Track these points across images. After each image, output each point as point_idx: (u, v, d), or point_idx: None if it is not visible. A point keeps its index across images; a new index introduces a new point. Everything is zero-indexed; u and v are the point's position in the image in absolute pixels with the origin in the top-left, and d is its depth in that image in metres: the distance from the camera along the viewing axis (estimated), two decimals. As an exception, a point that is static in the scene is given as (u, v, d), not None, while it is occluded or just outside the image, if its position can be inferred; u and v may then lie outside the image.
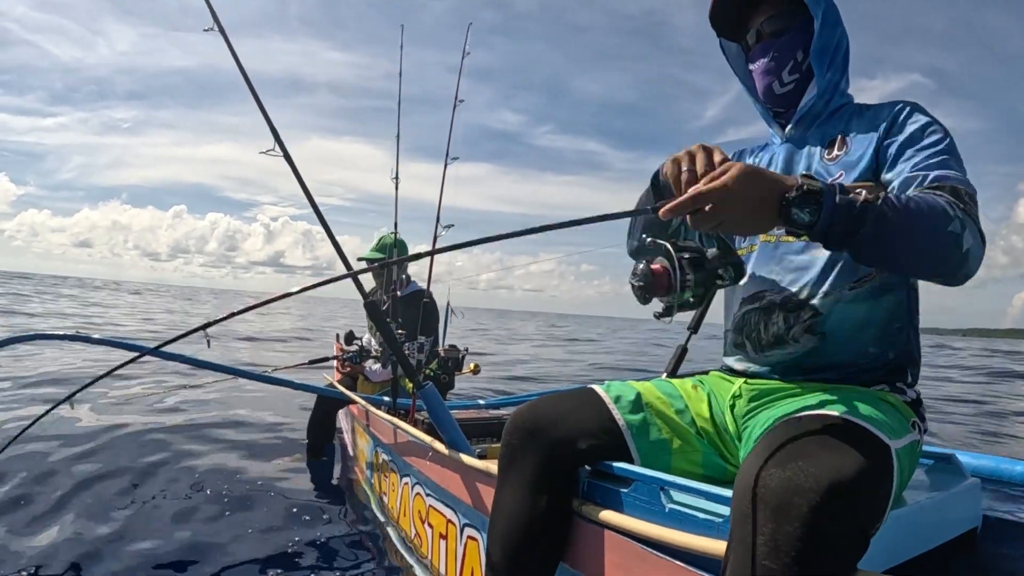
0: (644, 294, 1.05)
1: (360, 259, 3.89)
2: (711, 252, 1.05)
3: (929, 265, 1.03)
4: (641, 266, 1.06)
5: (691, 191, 0.95)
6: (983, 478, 1.47)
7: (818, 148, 1.30)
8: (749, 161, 1.46)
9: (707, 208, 0.94)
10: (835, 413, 0.98)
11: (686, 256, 1.05)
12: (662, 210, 0.97)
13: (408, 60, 3.25)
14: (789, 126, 1.36)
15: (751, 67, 1.39)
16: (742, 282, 1.34)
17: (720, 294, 1.50)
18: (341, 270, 2.28)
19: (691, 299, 1.06)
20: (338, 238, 2.36)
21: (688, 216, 0.97)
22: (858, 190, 0.97)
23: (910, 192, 1.04)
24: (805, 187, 0.93)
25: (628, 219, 1.43)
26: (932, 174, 1.08)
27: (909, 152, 1.15)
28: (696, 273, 1.05)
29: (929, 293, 1.29)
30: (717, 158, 1.00)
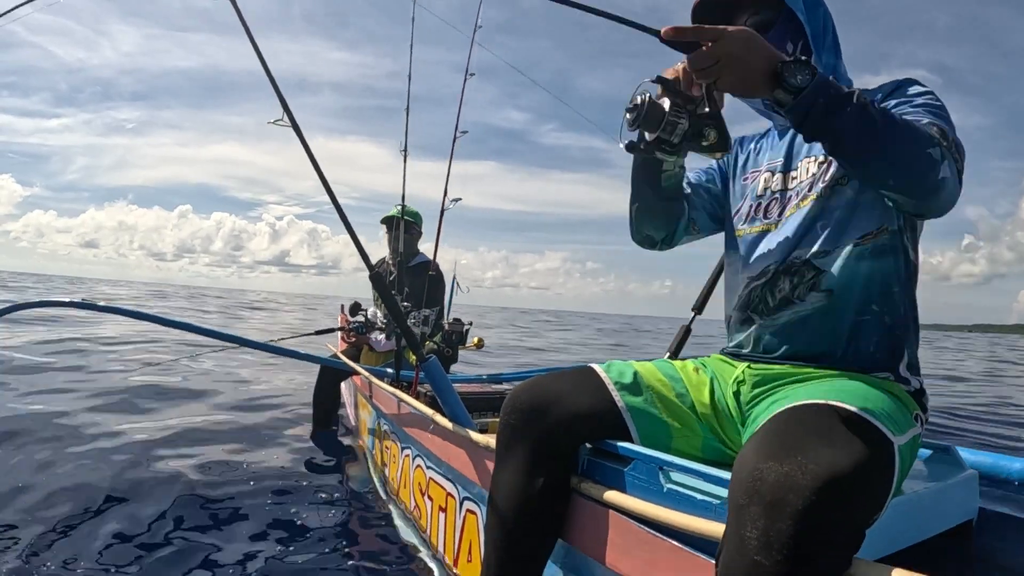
0: (635, 119, 1.04)
1: (383, 220, 3.91)
2: (702, 110, 1.05)
3: (902, 177, 1.02)
4: (639, 96, 1.05)
5: (696, 25, 0.97)
6: (981, 474, 1.47)
7: None
8: (751, 147, 1.46)
9: (706, 47, 0.96)
10: (841, 404, 0.97)
11: (682, 104, 1.05)
12: (664, 28, 0.98)
13: (412, 57, 3.22)
14: None
15: None
16: (750, 259, 1.33)
17: (722, 280, 1.50)
18: (345, 267, 2.30)
19: (672, 144, 1.06)
20: (341, 237, 2.35)
21: (687, 58, 0.99)
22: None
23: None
24: (803, 58, 0.97)
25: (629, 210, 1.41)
26: (924, 120, 1.08)
27: (903, 108, 1.14)
28: (688, 121, 1.04)
29: (932, 290, 1.31)
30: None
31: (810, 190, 1.26)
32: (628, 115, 1.07)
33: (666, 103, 1.04)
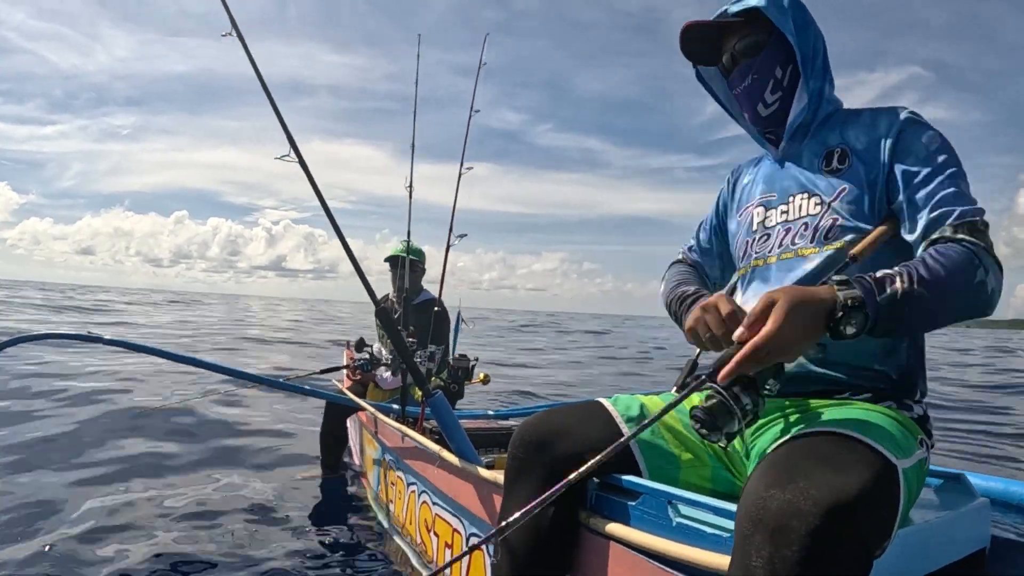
0: (710, 433, 1.03)
1: (386, 259, 3.93)
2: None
3: (963, 316, 1.07)
4: (696, 411, 1.04)
5: (743, 351, 0.97)
6: (993, 500, 1.45)
7: (815, 159, 1.29)
8: (745, 181, 1.47)
9: (762, 356, 0.96)
10: (843, 431, 0.97)
11: (735, 387, 1.03)
12: (720, 376, 1.00)
13: (409, 59, 3.27)
14: (783, 143, 1.36)
15: (734, 92, 1.39)
16: (745, 300, 1.33)
17: None
18: (344, 271, 2.29)
19: (749, 420, 1.05)
20: (338, 242, 2.31)
21: (743, 366, 0.99)
22: (891, 276, 0.99)
23: (934, 253, 1.05)
24: (848, 302, 0.96)
25: (673, 309, 1.42)
26: (952, 213, 1.09)
27: (921, 177, 1.14)
28: (747, 395, 1.02)
29: None
30: (725, 310, 1.07)
31: (806, 231, 1.25)
32: (698, 432, 1.04)
33: (725, 399, 1.02)
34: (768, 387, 1.03)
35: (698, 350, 1.30)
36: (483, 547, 1.66)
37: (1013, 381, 10.82)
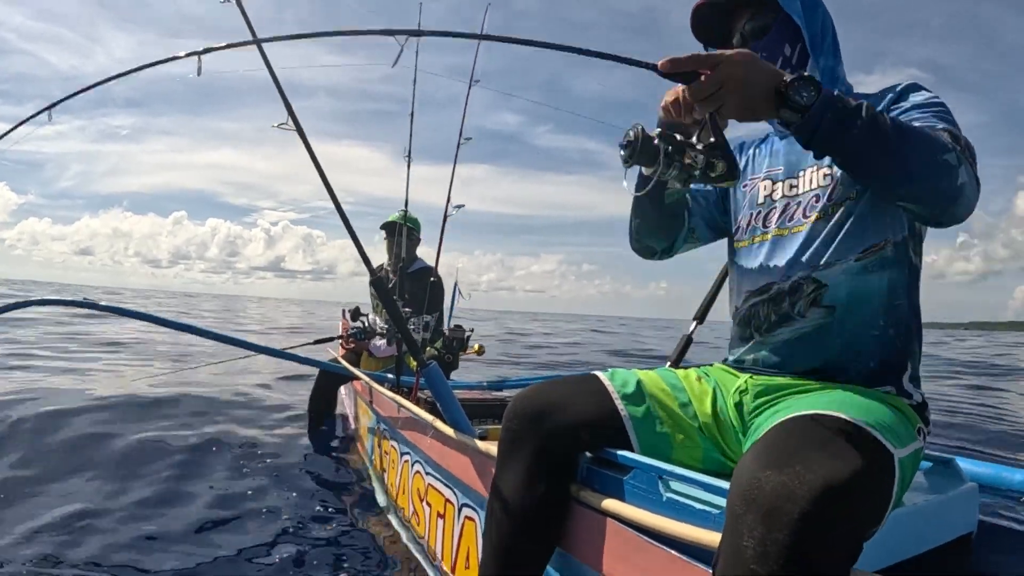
0: (629, 155, 1.02)
1: (382, 226, 3.92)
2: (707, 140, 1.03)
3: (920, 186, 1.02)
4: (633, 130, 1.03)
5: (693, 54, 0.96)
6: (983, 485, 1.46)
7: None
8: (751, 153, 1.46)
9: (705, 75, 0.95)
10: (842, 416, 0.96)
11: (679, 137, 1.03)
12: (661, 61, 0.98)
13: (408, 60, 3.25)
14: None
15: None
16: (751, 272, 1.32)
17: (724, 288, 1.49)
18: (341, 272, 2.30)
19: (675, 177, 1.04)
20: (336, 243, 2.35)
21: (687, 89, 0.99)
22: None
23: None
24: (806, 75, 0.96)
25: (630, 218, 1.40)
26: (939, 125, 1.08)
27: (911, 115, 1.14)
28: (688, 152, 1.02)
29: (928, 288, 1.27)
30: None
31: (816, 203, 1.24)
32: (622, 151, 1.04)
33: (660, 137, 1.02)
34: (714, 163, 1.02)
35: (694, 325, 1.29)
36: (474, 517, 1.68)
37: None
